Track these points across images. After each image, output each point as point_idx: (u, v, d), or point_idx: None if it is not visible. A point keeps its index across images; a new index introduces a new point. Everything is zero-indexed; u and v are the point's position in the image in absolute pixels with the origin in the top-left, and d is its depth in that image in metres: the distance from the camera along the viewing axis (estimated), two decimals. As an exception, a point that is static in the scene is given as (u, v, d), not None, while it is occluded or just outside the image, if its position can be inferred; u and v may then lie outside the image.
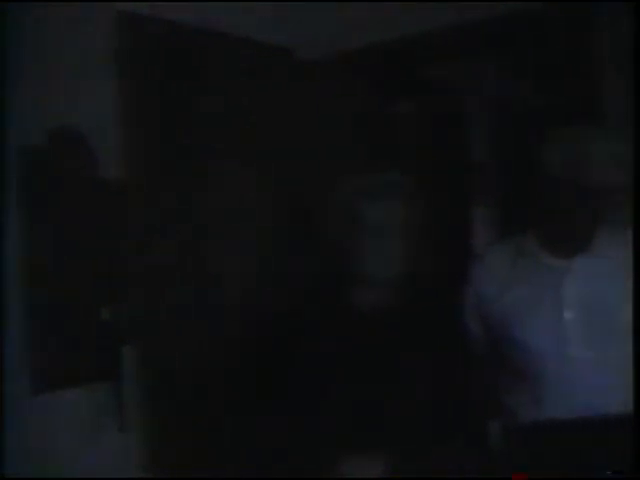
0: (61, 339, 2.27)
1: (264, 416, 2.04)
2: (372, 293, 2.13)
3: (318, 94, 2.96)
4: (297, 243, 2.73)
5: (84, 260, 2.31)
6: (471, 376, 2.17)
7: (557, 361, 2.11)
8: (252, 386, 2.11)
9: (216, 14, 2.67)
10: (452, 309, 2.27)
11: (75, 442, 2.34)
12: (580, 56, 2.83)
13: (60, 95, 2.33)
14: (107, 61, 2.45)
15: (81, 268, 2.31)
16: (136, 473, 2.42)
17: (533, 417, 2.16)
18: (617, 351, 2.10)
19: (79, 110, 2.36)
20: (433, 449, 2.02)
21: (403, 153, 3.44)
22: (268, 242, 2.74)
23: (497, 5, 2.85)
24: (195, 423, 2.43)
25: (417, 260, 2.13)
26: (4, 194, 2.12)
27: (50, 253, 2.25)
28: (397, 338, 2.10)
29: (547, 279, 2.17)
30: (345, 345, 2.08)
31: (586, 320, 2.12)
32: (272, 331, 2.16)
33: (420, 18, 3.01)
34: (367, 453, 1.98)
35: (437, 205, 3.57)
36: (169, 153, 2.56)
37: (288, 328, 2.14)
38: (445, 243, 3.61)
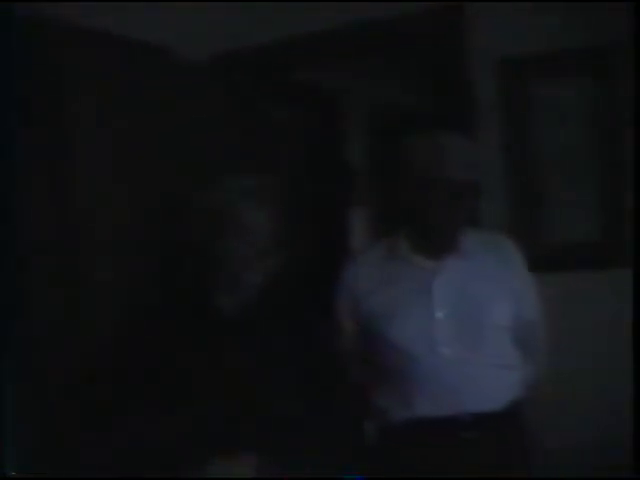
0: None
1: (134, 416, 2.01)
2: (236, 294, 2.12)
3: (193, 95, 2.93)
4: (164, 243, 2.69)
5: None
6: (340, 376, 2.19)
7: (427, 361, 2.13)
8: (122, 386, 2.07)
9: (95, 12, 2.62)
10: (319, 309, 2.29)
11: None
12: (452, 60, 2.88)
13: None
14: None
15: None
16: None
17: (404, 416, 2.18)
18: (487, 350, 2.15)
19: None
20: (305, 448, 2.03)
21: (275, 155, 3.44)
22: (136, 241, 2.67)
23: (373, 9, 2.89)
24: (67, 423, 2.36)
25: (283, 260, 2.14)
26: None
27: None
28: (264, 337, 2.09)
29: (417, 280, 2.20)
30: (212, 344, 2.06)
31: (456, 320, 2.14)
32: (141, 331, 2.12)
33: (296, 20, 3.02)
34: (239, 453, 1.98)
35: (308, 206, 3.65)
36: (40, 153, 2.48)
37: (154, 328, 2.11)
38: (317, 244, 3.65)
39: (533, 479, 2.17)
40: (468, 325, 2.14)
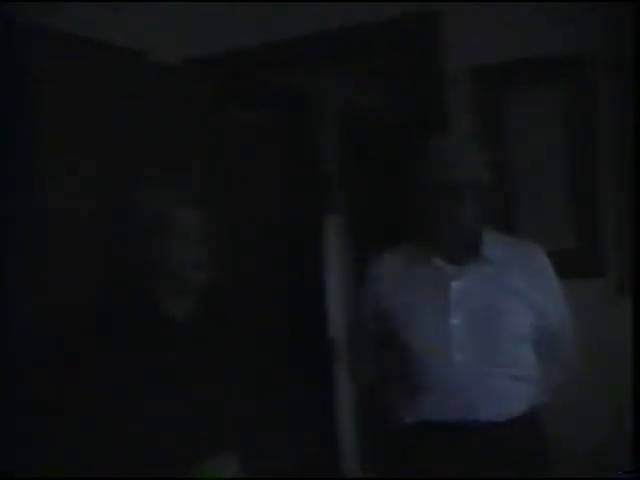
0: None
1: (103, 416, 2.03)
2: (182, 295, 2.14)
3: (164, 98, 2.91)
4: (111, 242, 2.66)
5: None
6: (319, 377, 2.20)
7: (440, 366, 2.13)
8: (77, 385, 2.10)
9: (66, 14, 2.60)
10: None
11: None
12: (426, 67, 2.88)
13: None
14: None
15: None
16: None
17: (412, 419, 2.18)
18: (502, 360, 2.13)
19: None
20: (282, 447, 2.04)
21: (246, 159, 3.44)
22: (88, 241, 2.65)
23: (347, 15, 2.89)
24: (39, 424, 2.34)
25: (232, 264, 2.15)
26: None
27: None
28: (215, 341, 2.14)
29: (436, 284, 2.18)
30: (160, 346, 2.09)
31: (472, 328, 2.12)
32: (92, 331, 2.16)
33: (270, 25, 3.02)
34: (220, 453, 1.98)
35: (279, 212, 3.64)
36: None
37: (104, 329, 2.15)
38: (287, 249, 3.65)
39: (533, 479, 2.17)
40: (484, 334, 2.12)
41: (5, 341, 2.39)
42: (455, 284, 2.16)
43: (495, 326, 2.13)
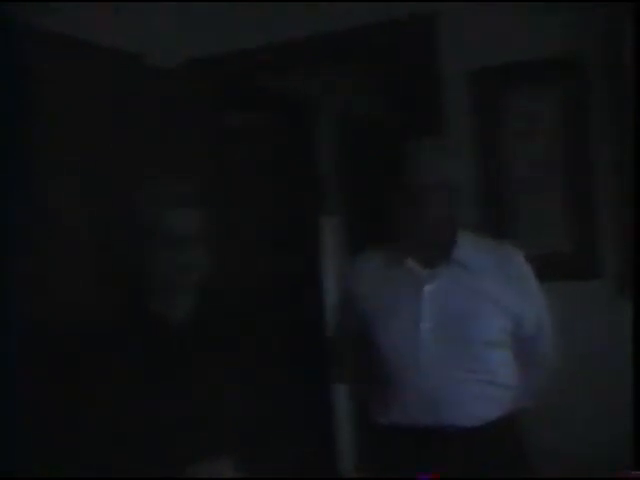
0: None
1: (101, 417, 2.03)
2: (184, 296, 2.14)
3: (161, 101, 2.91)
4: (111, 243, 2.66)
5: None
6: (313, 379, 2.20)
7: (411, 370, 2.12)
8: (77, 386, 2.09)
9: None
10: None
11: None
12: (422, 71, 2.88)
13: None
14: None
15: None
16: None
17: (385, 421, 2.18)
18: (473, 365, 2.11)
19: None
20: (280, 450, 2.05)
21: (243, 162, 3.44)
22: (88, 241, 2.66)
23: (343, 18, 2.90)
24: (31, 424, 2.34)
25: (229, 265, 2.15)
26: None
27: None
28: (218, 341, 2.13)
29: (409, 287, 2.17)
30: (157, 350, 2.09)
31: (442, 332, 2.11)
32: (92, 331, 2.16)
33: (266, 28, 3.03)
34: (216, 456, 1.98)
35: (276, 214, 3.65)
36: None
37: (103, 329, 2.15)
38: (284, 251, 3.65)
39: (533, 479, 2.16)
40: (454, 338, 2.10)
41: (5, 341, 2.39)
42: (427, 287, 2.14)
43: (466, 330, 2.11)
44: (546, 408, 2.47)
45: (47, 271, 2.52)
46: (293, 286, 3.67)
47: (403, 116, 3.23)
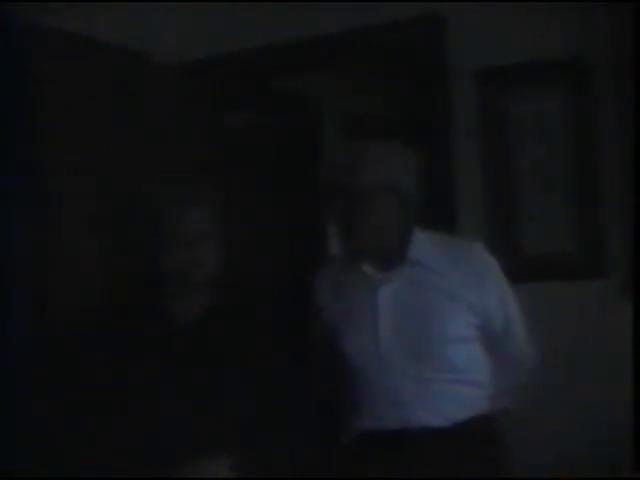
0: None
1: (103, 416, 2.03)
2: (184, 296, 2.14)
3: (166, 99, 2.92)
4: (112, 242, 2.66)
5: None
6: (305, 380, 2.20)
7: (375, 375, 2.09)
8: (80, 386, 2.09)
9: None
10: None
11: None
12: (429, 72, 2.88)
13: None
14: None
15: None
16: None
17: (356, 426, 2.15)
18: (439, 365, 2.07)
19: None
20: (273, 449, 2.04)
21: (246, 162, 3.44)
22: (89, 240, 2.65)
23: (350, 18, 2.90)
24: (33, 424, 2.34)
25: (237, 266, 2.16)
26: None
27: None
28: (224, 340, 2.13)
29: (366, 292, 2.14)
30: (166, 347, 2.09)
31: (402, 333, 2.08)
32: (92, 331, 2.16)
33: (274, 29, 3.02)
34: (212, 454, 1.98)
35: (281, 214, 3.64)
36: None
37: (104, 329, 2.14)
38: (289, 252, 3.64)
39: (533, 479, 2.15)
40: (416, 339, 2.07)
41: (5, 341, 2.39)
42: (382, 290, 2.12)
43: (427, 330, 2.07)
44: (546, 408, 2.49)
45: (51, 272, 2.52)
46: (296, 287, 3.66)
47: (406, 115, 3.24)
